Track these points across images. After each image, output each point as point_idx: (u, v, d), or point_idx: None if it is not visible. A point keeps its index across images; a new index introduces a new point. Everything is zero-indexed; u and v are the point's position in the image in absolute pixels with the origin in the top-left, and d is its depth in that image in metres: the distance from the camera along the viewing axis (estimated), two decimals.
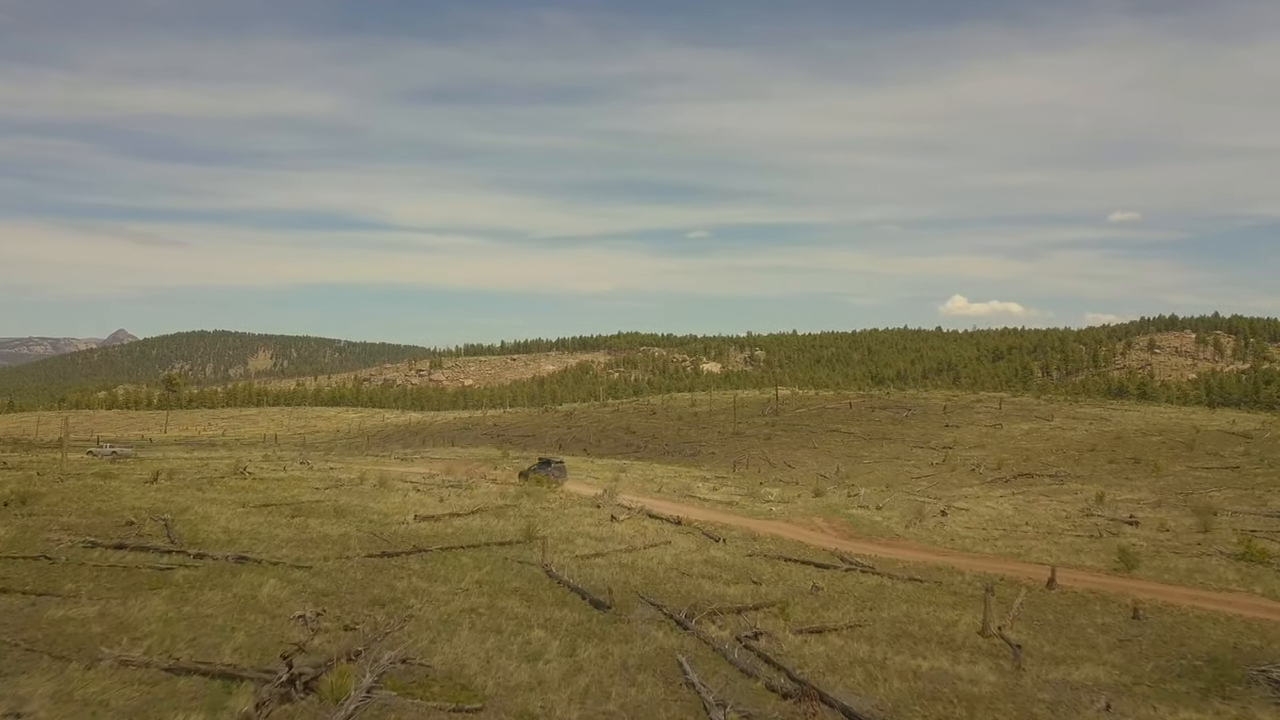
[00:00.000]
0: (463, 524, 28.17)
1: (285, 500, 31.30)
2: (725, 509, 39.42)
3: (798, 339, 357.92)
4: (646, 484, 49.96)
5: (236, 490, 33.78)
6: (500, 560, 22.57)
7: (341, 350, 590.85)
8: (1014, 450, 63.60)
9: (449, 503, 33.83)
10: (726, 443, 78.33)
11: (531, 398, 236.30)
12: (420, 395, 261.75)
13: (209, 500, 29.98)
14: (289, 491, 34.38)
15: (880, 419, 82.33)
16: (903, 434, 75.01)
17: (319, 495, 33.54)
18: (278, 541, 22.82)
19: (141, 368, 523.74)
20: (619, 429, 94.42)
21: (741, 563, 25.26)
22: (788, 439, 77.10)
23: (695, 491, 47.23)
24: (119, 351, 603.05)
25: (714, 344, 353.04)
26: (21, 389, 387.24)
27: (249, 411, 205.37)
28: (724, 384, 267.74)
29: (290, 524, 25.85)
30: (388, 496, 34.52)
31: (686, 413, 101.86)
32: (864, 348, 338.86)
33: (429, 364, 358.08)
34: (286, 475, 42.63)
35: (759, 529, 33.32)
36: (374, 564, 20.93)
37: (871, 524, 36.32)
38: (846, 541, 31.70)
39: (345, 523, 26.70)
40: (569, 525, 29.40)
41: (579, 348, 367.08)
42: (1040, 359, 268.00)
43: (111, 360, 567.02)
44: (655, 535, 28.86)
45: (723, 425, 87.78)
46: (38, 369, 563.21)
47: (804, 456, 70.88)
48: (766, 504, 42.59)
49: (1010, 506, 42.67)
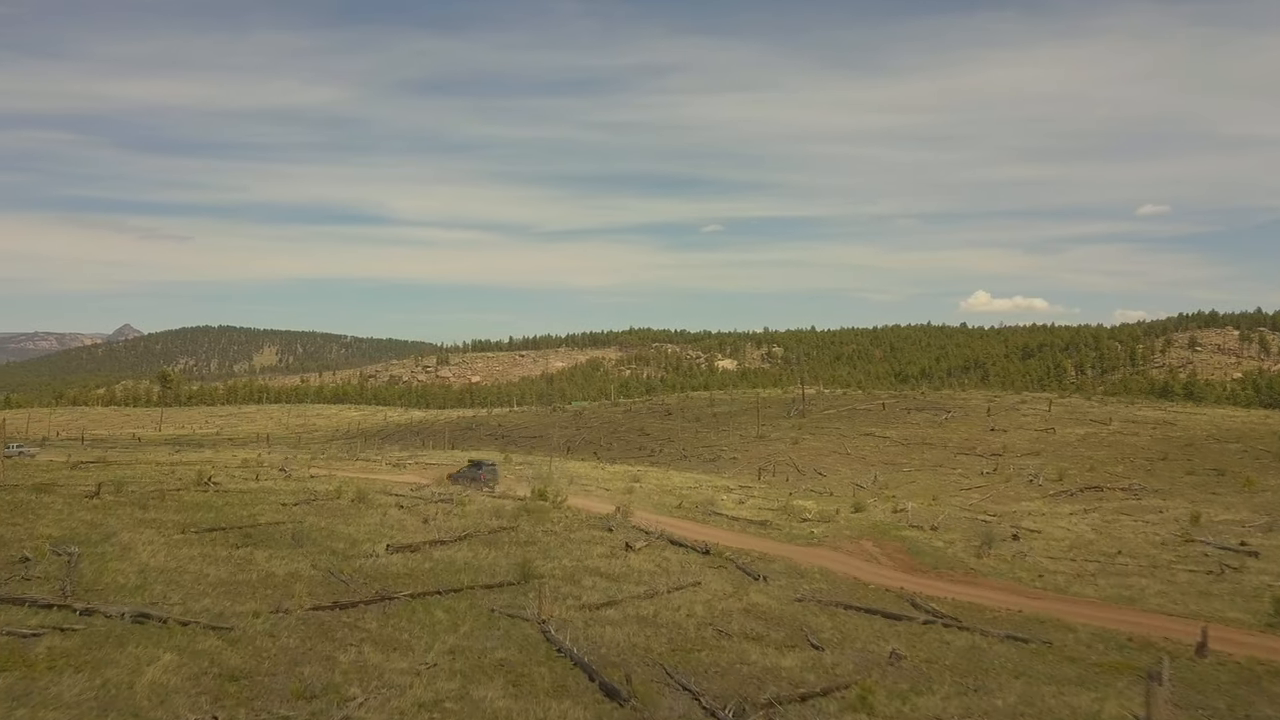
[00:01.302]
0: (445, 556, 23.54)
1: (239, 522, 26.79)
2: (758, 531, 34.68)
3: (816, 335, 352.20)
4: (664, 496, 45.28)
5: (187, 508, 29.29)
6: (485, 614, 17.93)
7: (348, 346, 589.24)
8: (1073, 458, 58.52)
9: (435, 524, 29.22)
10: (749, 447, 73.56)
11: (540, 396, 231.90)
12: (425, 392, 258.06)
13: (146, 523, 25.50)
14: (249, 509, 29.87)
15: (917, 421, 77.32)
16: (944, 438, 70.00)
17: (282, 514, 29.01)
18: (203, 586, 18.26)
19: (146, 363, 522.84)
20: (632, 430, 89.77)
21: (791, 613, 20.52)
22: (817, 443, 72.24)
23: (720, 506, 42.51)
24: (123, 347, 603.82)
25: (729, 340, 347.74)
26: (25, 384, 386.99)
27: (248, 409, 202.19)
28: (741, 382, 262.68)
29: (231, 558, 21.30)
30: (363, 516, 29.95)
31: (705, 413, 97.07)
32: (886, 344, 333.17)
33: (435, 360, 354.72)
34: (257, 486, 38.22)
35: (802, 558, 28.56)
36: (319, 622, 16.33)
37: (933, 550, 31.49)
38: (910, 576, 26.90)
39: (300, 556, 22.11)
40: (575, 557, 24.73)
41: (589, 344, 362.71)
42: (1073, 357, 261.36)
43: (116, 356, 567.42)
44: (680, 571, 24.14)
45: (745, 427, 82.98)
46: (42, 365, 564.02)
47: (836, 463, 66.03)
48: (804, 522, 37.83)
49: (1088, 527, 37.72)
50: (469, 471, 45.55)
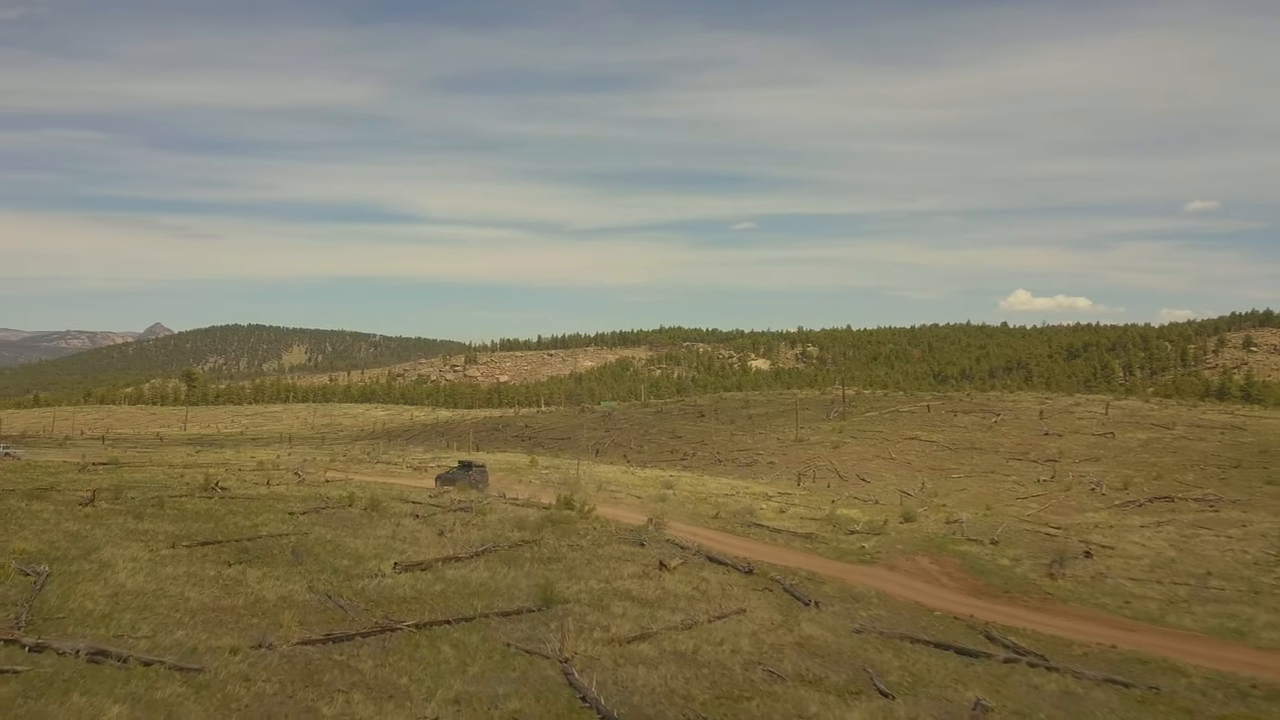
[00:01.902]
0: (459, 576, 21.41)
1: (238, 534, 24.91)
2: (804, 545, 32.20)
3: (852, 334, 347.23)
4: (699, 505, 42.91)
5: (186, 517, 27.50)
6: (499, 650, 15.75)
7: (377, 345, 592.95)
8: (1137, 465, 55.27)
9: (451, 537, 27.16)
10: (787, 451, 70.93)
11: (569, 395, 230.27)
12: (454, 391, 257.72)
13: (136, 535, 23.69)
14: (252, 519, 28.02)
15: (965, 425, 74.18)
16: (994, 443, 66.89)
17: (286, 525, 27.12)
18: (180, 614, 16.28)
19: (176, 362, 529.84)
20: (663, 433, 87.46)
21: (850, 647, 18.12)
22: (859, 447, 69.43)
23: (760, 516, 40.05)
24: (153, 346, 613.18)
25: (763, 339, 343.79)
26: (56, 383, 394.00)
27: (274, 408, 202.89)
28: (775, 382, 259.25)
29: (219, 578, 19.34)
30: (374, 527, 27.95)
31: (739, 414, 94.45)
32: (924, 344, 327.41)
33: (463, 359, 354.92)
34: (267, 492, 36.48)
35: (855, 578, 26.09)
36: (305, 660, 14.26)
37: (999, 569, 28.84)
38: (978, 600, 24.33)
39: (297, 575, 20.12)
40: (603, 578, 22.49)
41: (618, 343, 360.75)
42: (1121, 357, 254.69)
43: (146, 354, 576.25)
44: (721, 595, 21.81)
45: (782, 430, 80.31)
46: (73, 363, 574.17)
47: (879, 468, 63.23)
48: (852, 534, 35.27)
49: (1165, 543, 34.80)
50: (458, 473, 44.04)
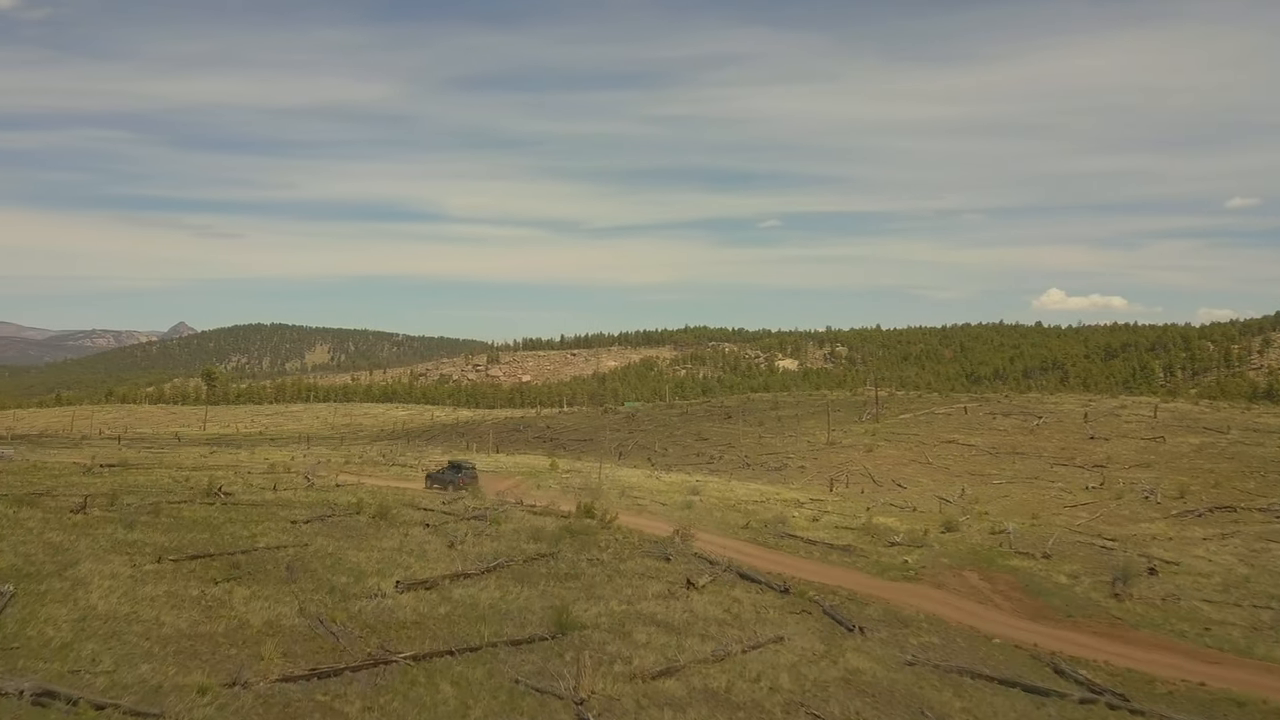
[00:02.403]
0: (467, 596, 19.72)
1: (234, 545, 23.39)
2: (841, 559, 30.23)
3: (882, 334, 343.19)
4: (728, 513, 41.01)
5: (181, 526, 26.04)
6: (506, 688, 14.02)
7: (399, 344, 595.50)
8: (1192, 472, 52.63)
9: (462, 550, 25.50)
10: (819, 454, 68.80)
11: (591, 396, 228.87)
12: (475, 391, 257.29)
13: (123, 546, 22.23)
14: (252, 528, 26.50)
15: (1005, 427, 71.65)
16: (1037, 447, 64.36)
17: (287, 536, 25.58)
18: (150, 643, 14.70)
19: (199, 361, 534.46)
20: (689, 435, 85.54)
21: (904, 684, 16.20)
22: (894, 451, 67.16)
23: (792, 526, 38.11)
24: (177, 345, 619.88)
25: (790, 339, 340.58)
26: (80, 382, 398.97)
27: (295, 408, 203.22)
28: (803, 382, 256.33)
29: (203, 598, 17.77)
30: (380, 538, 26.36)
31: (768, 416, 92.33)
32: (955, 343, 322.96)
33: (486, 359, 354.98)
34: (273, 497, 35.01)
35: (901, 598, 24.13)
36: (284, 702, 12.60)
37: (1056, 588, 26.73)
38: (1038, 625, 22.27)
39: (289, 595, 18.52)
40: (625, 598, 20.72)
41: (642, 343, 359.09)
42: (1161, 357, 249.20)
43: (170, 353, 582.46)
44: (755, 619, 19.95)
45: (812, 432, 78.15)
46: (98, 361, 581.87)
47: (916, 473, 60.96)
48: (893, 547, 33.24)
49: (1234, 558, 32.47)
50: (448, 474, 43.30)
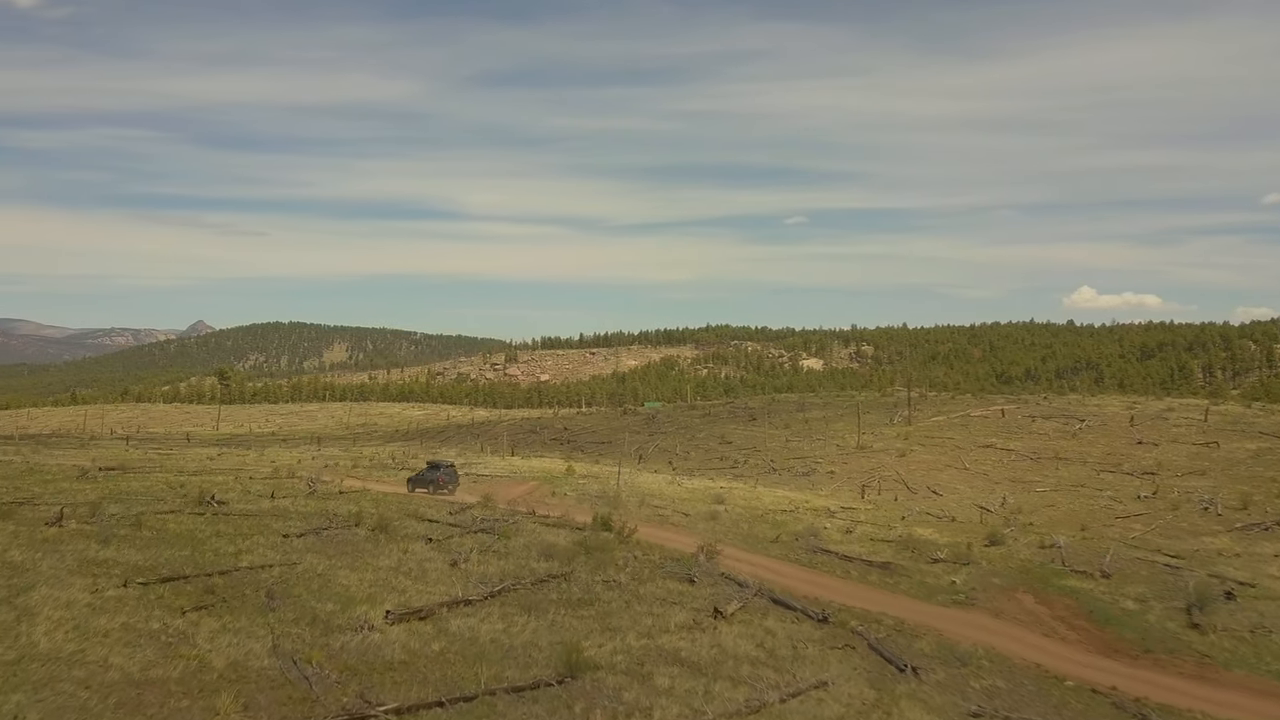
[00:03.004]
0: (466, 629, 17.69)
1: (214, 565, 21.53)
2: (882, 578, 27.95)
3: (909, 333, 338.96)
4: (755, 524, 38.80)
5: (161, 541, 24.21)
6: None
7: (417, 343, 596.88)
8: (1253, 480, 49.81)
9: (465, 568, 23.50)
10: (849, 459, 66.36)
11: (611, 396, 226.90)
12: (493, 391, 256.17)
13: (91, 566, 20.40)
14: (238, 544, 24.65)
15: (1045, 431, 68.87)
16: (1081, 452, 61.61)
17: (275, 553, 23.71)
18: (90, 692, 12.77)
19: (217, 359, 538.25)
20: (711, 437, 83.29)
21: None
22: (928, 455, 64.61)
23: (825, 538, 35.87)
24: (195, 343, 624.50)
25: (815, 338, 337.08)
26: (98, 380, 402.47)
27: (310, 407, 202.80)
28: (828, 382, 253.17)
29: (164, 632, 15.85)
30: (377, 555, 24.42)
31: (794, 418, 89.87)
32: (985, 343, 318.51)
33: (504, 357, 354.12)
34: (269, 506, 33.25)
35: (953, 628, 21.86)
36: None
37: (1125, 616, 24.36)
38: (1113, 662, 19.95)
39: (263, 628, 16.55)
40: (644, 629, 18.61)
41: (663, 341, 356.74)
42: (1200, 357, 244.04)
43: (188, 352, 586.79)
44: (793, 656, 17.77)
45: (841, 435, 75.68)
46: (117, 360, 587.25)
47: (953, 479, 58.44)
48: (936, 563, 30.94)
49: None
50: (427, 474, 42.72)
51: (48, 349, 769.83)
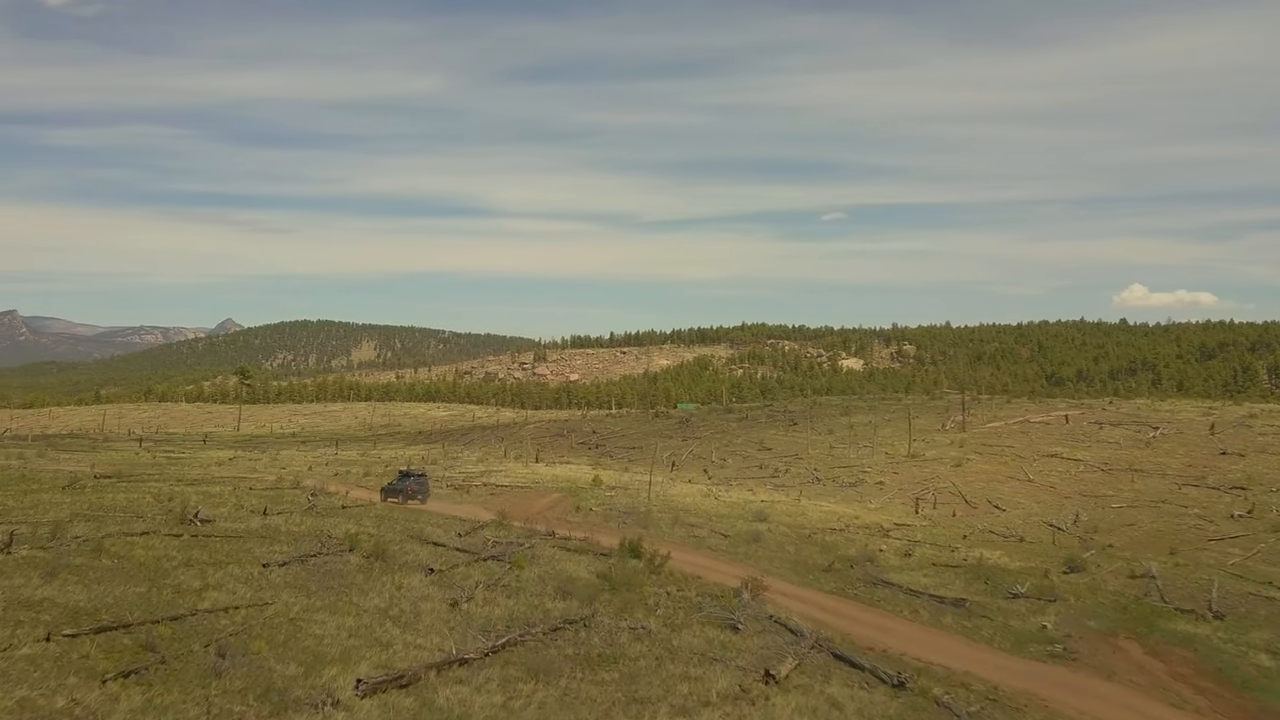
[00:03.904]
0: (457, 701, 14.39)
1: (166, 609, 18.50)
2: (958, 619, 24.29)
3: (952, 332, 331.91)
4: (803, 547, 35.24)
5: (116, 574, 21.27)
6: None
7: (446, 341, 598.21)
8: None
9: (466, 610, 20.28)
10: (899, 468, 62.42)
11: (642, 396, 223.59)
12: (520, 390, 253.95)
13: (19, 609, 17.48)
14: (207, 576, 21.63)
15: (1115, 439, 64.41)
16: (1157, 463, 57.18)
17: (247, 589, 20.66)
18: None
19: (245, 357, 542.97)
20: (749, 443, 79.63)
21: None
22: (986, 465, 60.50)
23: (884, 564, 32.27)
24: (223, 341, 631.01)
25: (854, 337, 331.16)
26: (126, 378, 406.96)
27: (334, 407, 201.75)
28: (869, 383, 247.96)
29: (68, 715, 12.70)
30: (367, 591, 21.29)
31: (837, 423, 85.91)
32: (1032, 342, 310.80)
33: (532, 356, 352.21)
34: (259, 525, 30.34)
35: (1059, 694, 18.21)
36: None
37: (1260, 673, 20.55)
38: None
39: (198, 705, 13.36)
40: (679, 703, 15.18)
41: (696, 340, 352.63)
42: (1265, 358, 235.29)
43: (216, 350, 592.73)
44: None
45: (890, 442, 71.68)
46: (144, 358, 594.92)
47: (1016, 493, 54.35)
48: (1016, 599, 27.22)
49: None
50: (397, 484, 42.02)
51: (78, 347, 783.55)
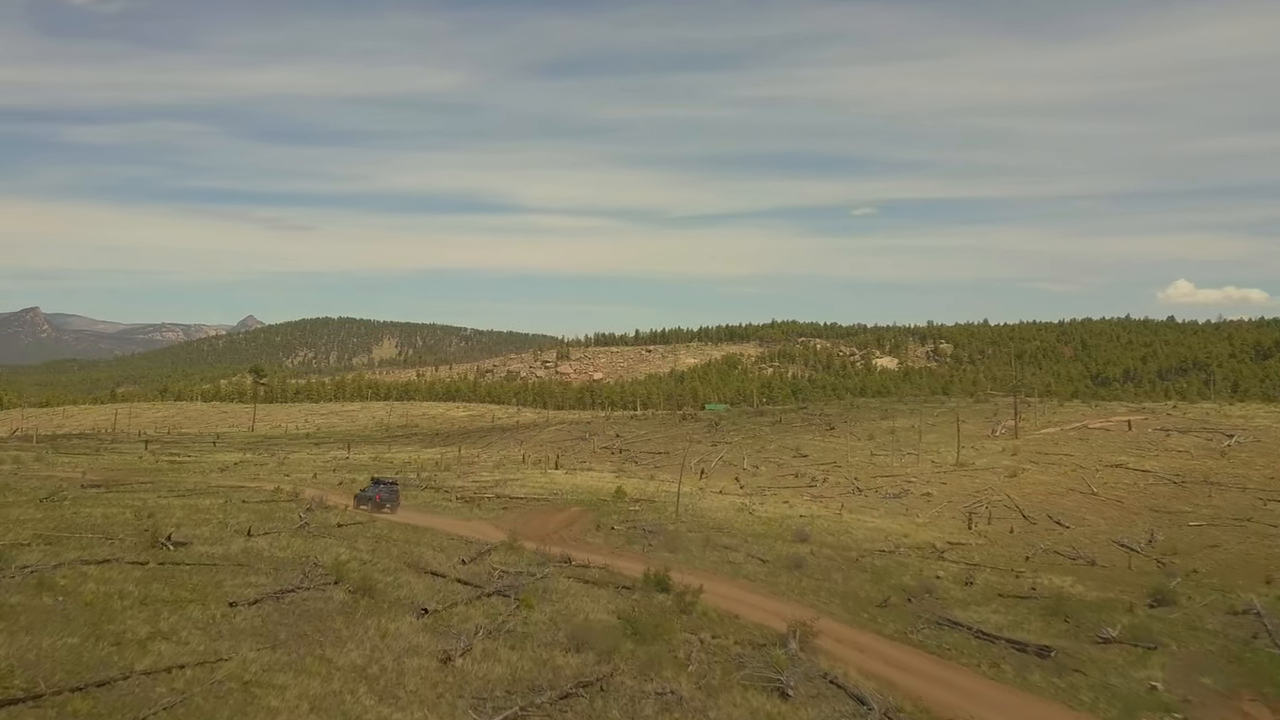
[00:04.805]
0: None
1: (95, 671, 15.59)
2: (1047, 676, 20.86)
3: (991, 330, 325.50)
4: (852, 573, 31.89)
5: (56, 616, 18.44)
6: None
7: (468, 339, 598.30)
8: None
9: (460, 667, 17.20)
10: (946, 478, 58.71)
11: (669, 396, 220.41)
12: (542, 389, 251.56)
13: None
14: (161, 621, 18.75)
15: (1185, 448, 60.26)
16: (1236, 475, 53.07)
17: (200, 640, 17.72)
18: None
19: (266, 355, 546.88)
20: (784, 449, 76.15)
21: None
22: (1043, 476, 56.64)
23: (945, 596, 28.89)
24: (244, 339, 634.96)
25: (888, 335, 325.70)
26: (146, 376, 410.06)
27: (351, 406, 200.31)
28: (904, 383, 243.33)
29: None
30: (344, 642, 18.30)
31: (877, 427, 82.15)
32: (1076, 341, 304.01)
33: (555, 354, 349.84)
34: (239, 549, 27.49)
35: None
36: None
37: None
38: None
39: None
40: None
41: (725, 338, 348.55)
42: None
43: (237, 347, 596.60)
44: None
45: (936, 449, 67.93)
46: (165, 355, 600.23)
47: (1078, 507, 50.53)
48: (1109, 644, 23.70)
49: None
50: (369, 491, 42.16)
51: (99, 344, 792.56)
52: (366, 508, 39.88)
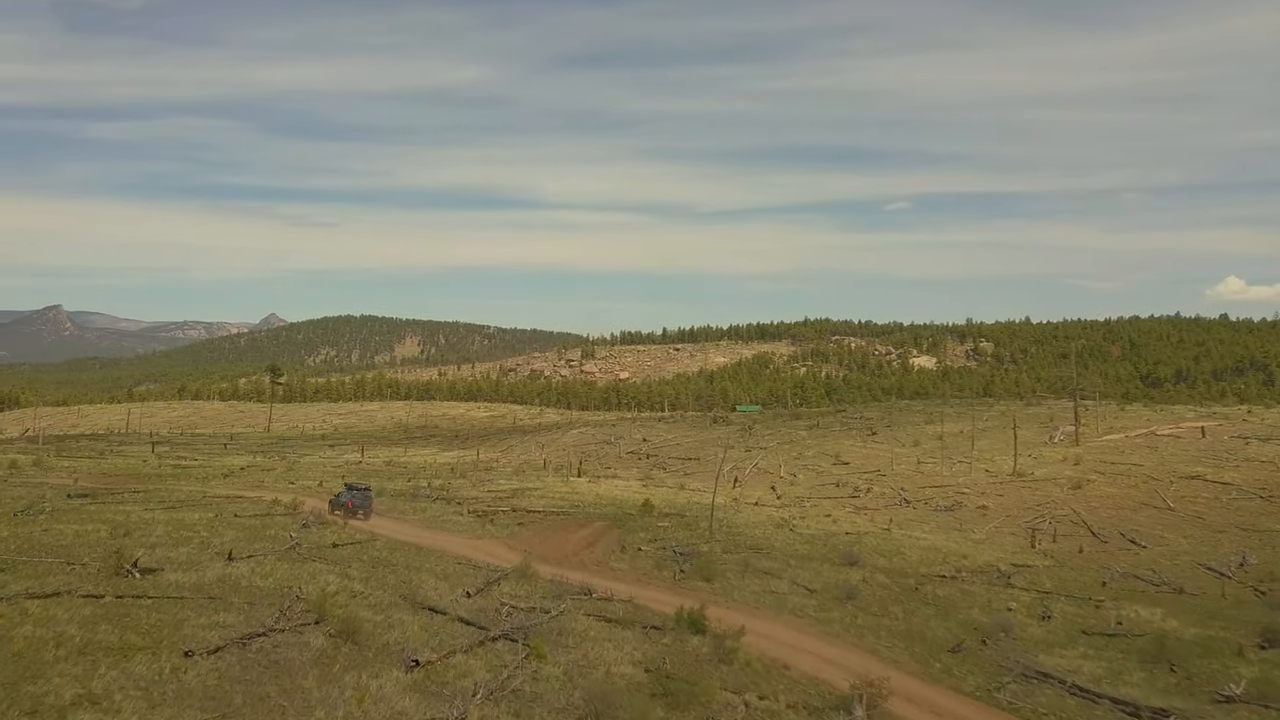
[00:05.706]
0: None
1: None
2: None
3: (1033, 328, 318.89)
4: (913, 605, 28.51)
5: None
6: None
7: (491, 337, 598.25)
8: None
9: None
10: (1003, 489, 55.01)
11: (698, 397, 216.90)
12: (567, 389, 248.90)
13: None
14: (94, 680, 15.89)
15: (1268, 457, 56.09)
16: None
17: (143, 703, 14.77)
18: None
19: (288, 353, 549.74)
20: (823, 455, 72.64)
21: None
22: (1111, 488, 52.83)
23: (1024, 636, 25.45)
24: (266, 337, 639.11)
25: (926, 333, 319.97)
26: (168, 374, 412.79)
27: (371, 406, 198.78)
28: (943, 383, 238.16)
29: None
30: (313, 709, 15.33)
31: (922, 432, 78.44)
32: (1123, 339, 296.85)
33: (580, 353, 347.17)
34: (215, 576, 24.59)
35: None
36: None
37: None
38: None
39: None
40: None
41: (755, 336, 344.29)
42: None
43: (258, 345, 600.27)
44: None
45: (989, 456, 64.15)
46: (186, 353, 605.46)
47: (1152, 523, 46.78)
48: (1230, 705, 20.22)
49: None
50: (341, 497, 42.12)
51: (121, 342, 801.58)
52: (339, 514, 40.00)
